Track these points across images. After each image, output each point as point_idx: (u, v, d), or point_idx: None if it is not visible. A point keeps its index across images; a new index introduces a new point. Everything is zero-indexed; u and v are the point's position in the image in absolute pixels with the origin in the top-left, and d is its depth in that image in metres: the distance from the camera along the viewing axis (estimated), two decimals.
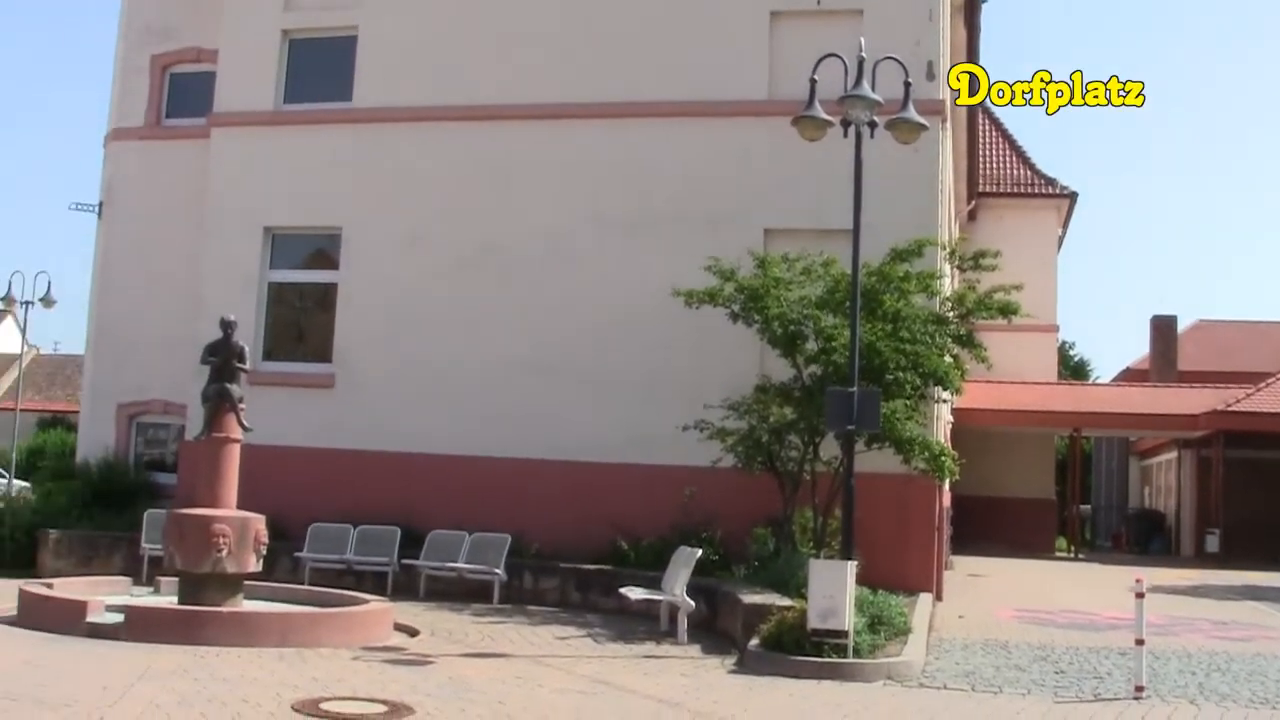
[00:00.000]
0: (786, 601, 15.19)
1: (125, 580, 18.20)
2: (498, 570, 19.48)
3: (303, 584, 19.13)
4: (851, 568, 13.97)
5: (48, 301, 37.12)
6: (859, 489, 14.94)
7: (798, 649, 13.77)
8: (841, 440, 15.87)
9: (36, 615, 14.97)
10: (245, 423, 16.14)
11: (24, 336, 47.45)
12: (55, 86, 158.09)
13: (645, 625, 17.36)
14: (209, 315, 19.87)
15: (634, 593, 16.95)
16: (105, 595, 15.75)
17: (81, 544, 21.39)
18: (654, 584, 17.35)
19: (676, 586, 16.31)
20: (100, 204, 26.66)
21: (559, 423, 21.14)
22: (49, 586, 16.27)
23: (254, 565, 15.69)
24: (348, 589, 18.24)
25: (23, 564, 21.07)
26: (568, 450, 21.01)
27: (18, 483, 36.34)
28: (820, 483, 18.23)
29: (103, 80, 27.33)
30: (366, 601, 16.25)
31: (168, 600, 16.06)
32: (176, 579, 16.05)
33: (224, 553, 15.19)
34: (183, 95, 25.88)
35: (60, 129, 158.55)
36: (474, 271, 21.93)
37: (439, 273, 22.10)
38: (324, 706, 10.59)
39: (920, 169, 20.08)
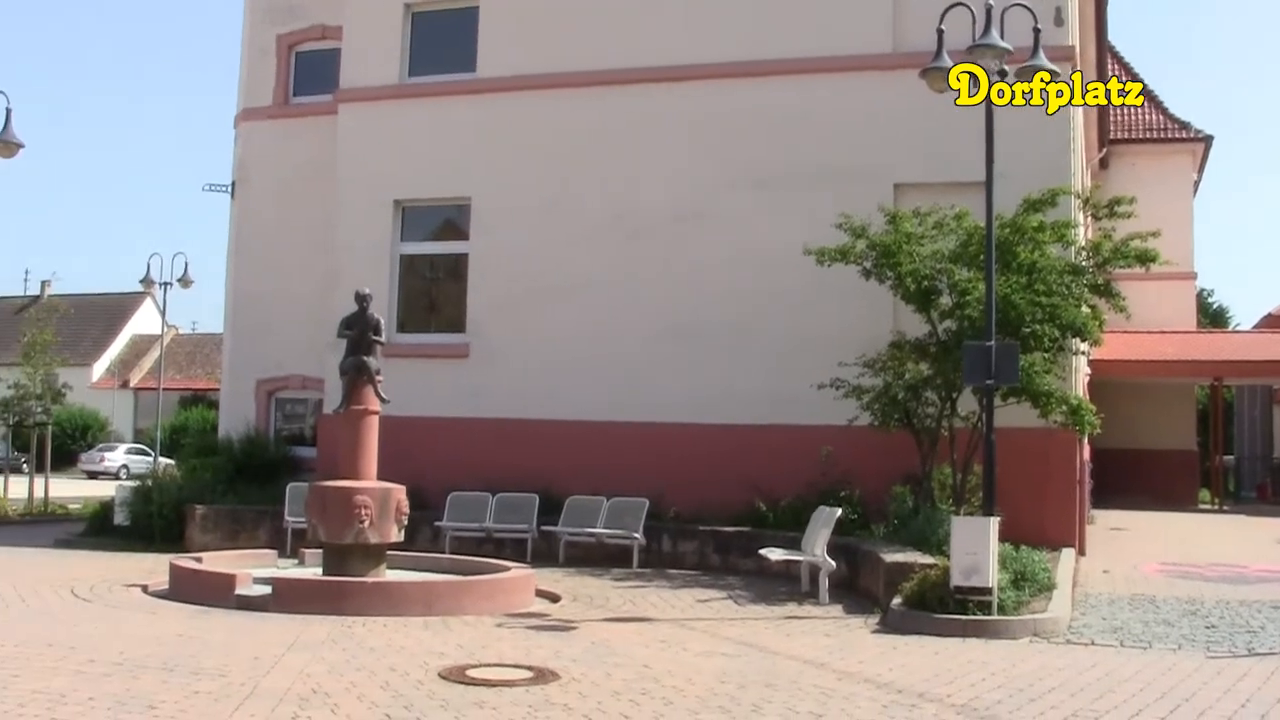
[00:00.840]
0: (928, 559, 15.05)
1: (270, 553, 18.50)
2: (636, 534, 19.53)
3: (443, 553, 19.34)
4: (994, 524, 13.79)
5: (185, 282, 37.83)
6: (997, 444, 14.73)
7: (941, 607, 13.65)
8: (980, 395, 15.68)
9: (188, 589, 15.30)
10: (383, 394, 16.29)
11: (164, 317, 48.44)
12: (187, 69, 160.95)
13: (786, 586, 17.32)
14: (343, 290, 20.09)
15: (774, 554, 16.88)
16: (252, 568, 16.02)
17: (227, 518, 21.80)
18: (793, 545, 17.27)
19: (817, 547, 16.22)
20: (233, 184, 27.12)
21: (694, 385, 21.10)
22: (198, 561, 16.61)
23: (396, 535, 15.87)
24: (487, 556, 18.40)
25: (171, 539, 21.55)
26: (704, 413, 20.97)
27: (163, 460, 37.14)
28: (958, 439, 18.05)
29: (232, 61, 27.77)
30: (508, 569, 16.35)
31: (312, 572, 16.33)
32: (320, 551, 16.30)
33: (366, 524, 15.38)
34: (309, 73, 26.20)
35: (192, 112, 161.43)
36: (605, 237, 21.95)
37: (570, 239, 22.14)
38: (471, 673, 10.66)
39: (1052, 117, 19.69)
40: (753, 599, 16.28)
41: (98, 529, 24.20)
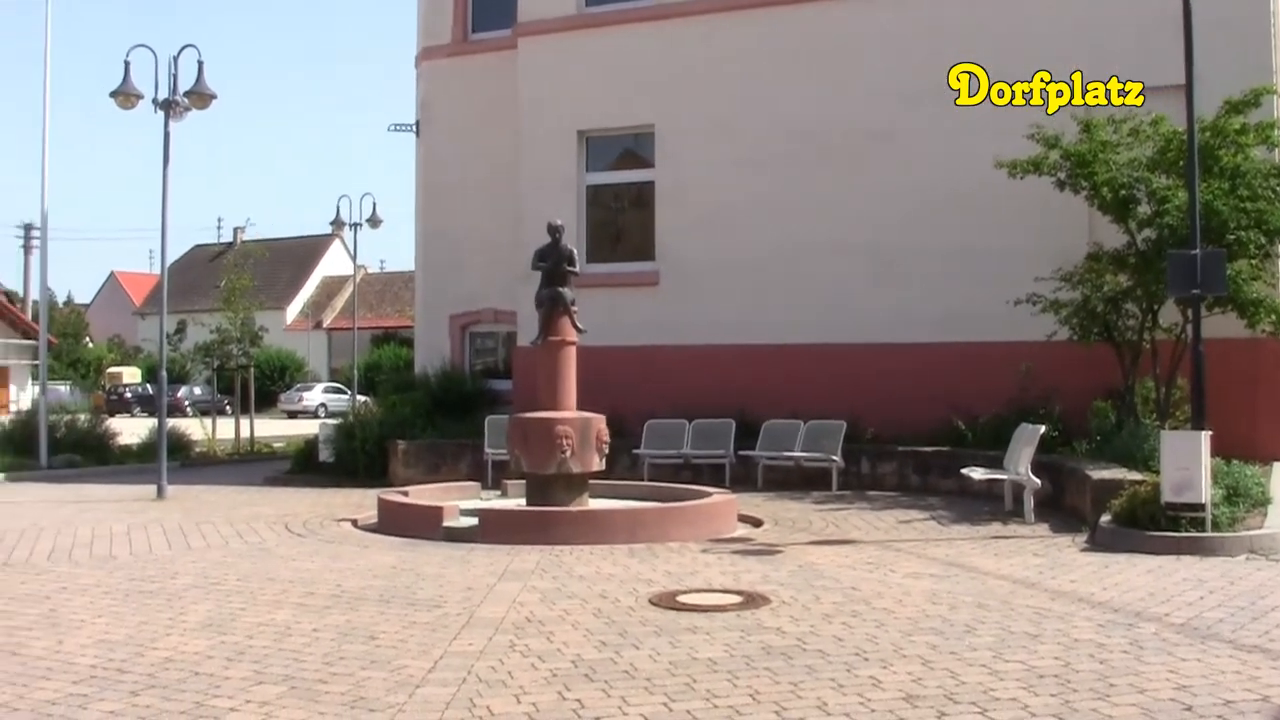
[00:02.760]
0: (1136, 475, 14.75)
1: (473, 485, 18.79)
2: (835, 457, 19.47)
3: (642, 480, 19.49)
4: (1206, 438, 13.44)
5: (374, 222, 38.42)
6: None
7: (1152, 524, 13.38)
8: (1185, 306, 15.26)
9: (396, 522, 15.63)
10: (579, 325, 16.39)
11: (354, 258, 49.26)
12: (369, 11, 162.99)
13: (989, 506, 17.13)
14: (530, 223, 20.26)
15: (976, 473, 16.69)
16: (457, 500, 16.30)
17: (428, 452, 22.21)
18: (994, 463, 17.06)
19: (1020, 465, 16.00)
20: (417, 123, 27.41)
21: (886, 304, 20.89)
22: (405, 494, 16.94)
23: (597, 464, 16.00)
24: (685, 483, 18.47)
25: (374, 474, 22.04)
26: (897, 332, 20.76)
27: (359, 397, 37.94)
28: (1161, 351, 17.62)
29: (411, 1, 28.02)
30: (710, 494, 16.38)
31: (515, 502, 16.56)
32: (523, 482, 16.53)
33: (568, 453, 15.53)
34: (487, 9, 26.32)
35: (376, 53, 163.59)
36: (791, 158, 21.75)
37: (756, 162, 21.98)
38: (681, 599, 10.72)
39: (1251, 12, 19.00)
40: (956, 519, 16.14)
41: (303, 466, 24.86)
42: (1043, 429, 16.36)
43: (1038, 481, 15.88)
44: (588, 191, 23.62)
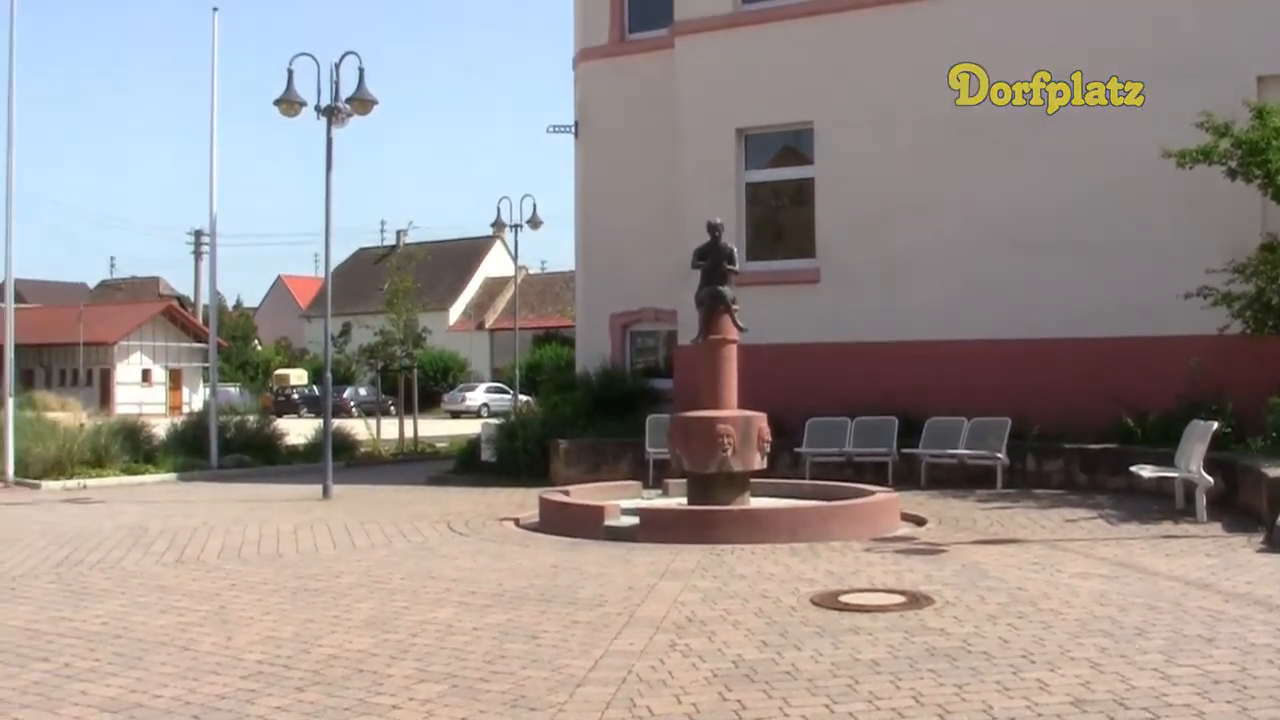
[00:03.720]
0: None
1: (634, 484, 18.81)
2: (999, 454, 19.16)
3: (803, 478, 19.36)
4: None
5: (534, 223, 38.70)
6: None
7: None
8: None
9: (557, 521, 15.69)
10: (740, 323, 16.31)
11: (515, 259, 49.69)
12: (525, 13, 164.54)
13: (1158, 504, 16.71)
14: (690, 222, 20.21)
15: (1145, 470, 16.28)
16: (618, 499, 16.32)
17: (589, 451, 22.30)
18: (1164, 461, 16.63)
19: (1192, 462, 15.56)
20: (575, 124, 27.54)
21: (1050, 298, 20.44)
22: (566, 494, 16.99)
23: (759, 463, 15.89)
24: (847, 481, 18.29)
25: (536, 473, 22.18)
26: (1062, 326, 20.32)
27: (521, 397, 38.27)
28: None
29: (567, 2, 28.16)
30: (872, 492, 16.19)
31: (676, 502, 16.54)
32: (683, 481, 16.50)
33: (729, 452, 15.46)
34: (644, 9, 26.35)
35: (534, 54, 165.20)
36: (951, 151, 21.40)
37: (916, 156, 21.68)
38: (843, 599, 10.60)
39: None
40: (1124, 518, 15.76)
41: (465, 465, 25.15)
42: (1215, 425, 15.90)
43: (1210, 479, 15.41)
44: (747, 189, 23.51)
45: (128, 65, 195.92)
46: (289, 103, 21.20)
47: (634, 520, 14.87)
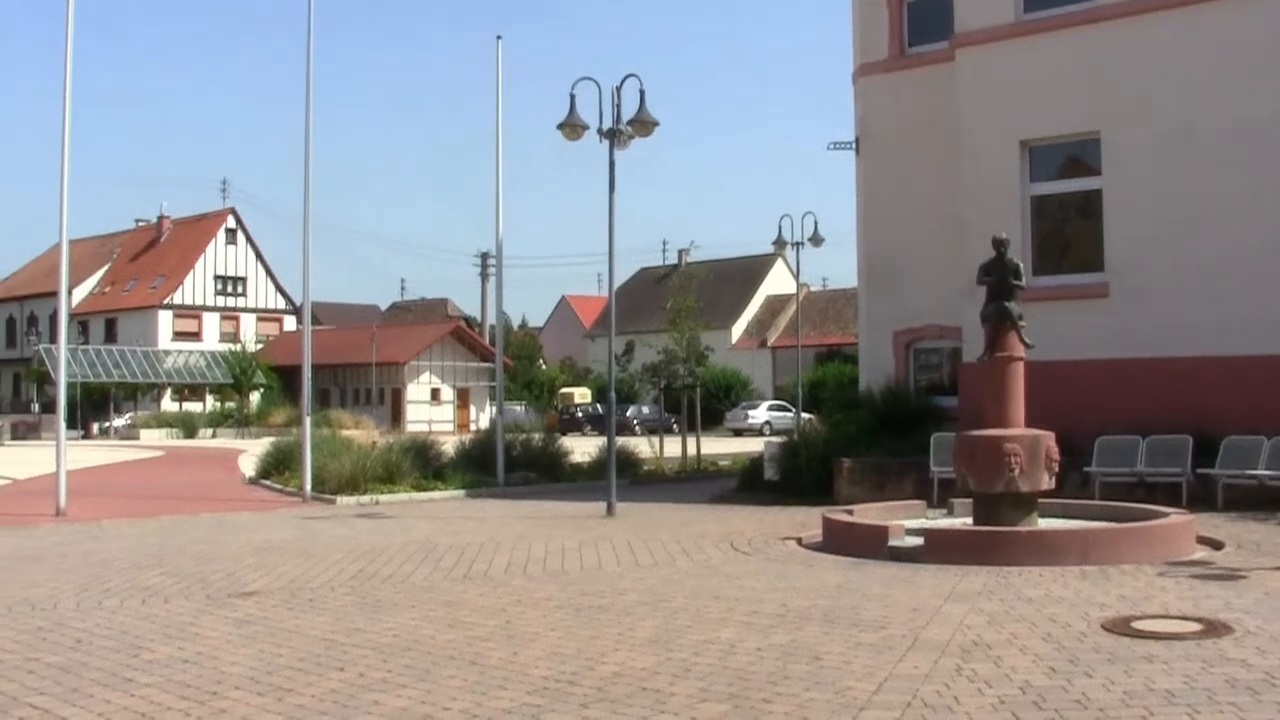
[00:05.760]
0: None
1: (918, 504, 18.54)
2: None
3: (1092, 499, 18.80)
4: None
5: (816, 240, 38.64)
6: None
7: None
8: None
9: (840, 541, 15.57)
10: (1027, 340, 15.96)
11: (797, 277, 49.66)
12: (803, 29, 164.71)
13: None
14: (974, 237, 19.88)
15: None
16: (902, 519, 16.11)
17: (873, 470, 22.07)
18: None
19: None
20: (856, 140, 27.36)
21: None
22: (849, 513, 16.85)
23: (1047, 483, 15.50)
24: (1138, 502, 17.66)
25: (819, 492, 22.05)
26: None
27: (804, 415, 38.17)
28: None
29: (844, 17, 28.01)
30: (1166, 514, 15.62)
31: (962, 522, 16.26)
32: (969, 500, 16.20)
33: (1016, 472, 15.12)
34: (923, 22, 26.06)
35: (812, 71, 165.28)
36: (1247, 159, 20.48)
37: (1210, 165, 20.79)
38: (1135, 625, 10.24)
39: None
40: None
41: (748, 484, 25.19)
42: None
43: None
44: (1032, 202, 22.97)
45: (416, 94, 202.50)
46: (572, 126, 21.58)
47: (918, 541, 14.66)
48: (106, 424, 75.87)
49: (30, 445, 60.24)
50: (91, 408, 76.67)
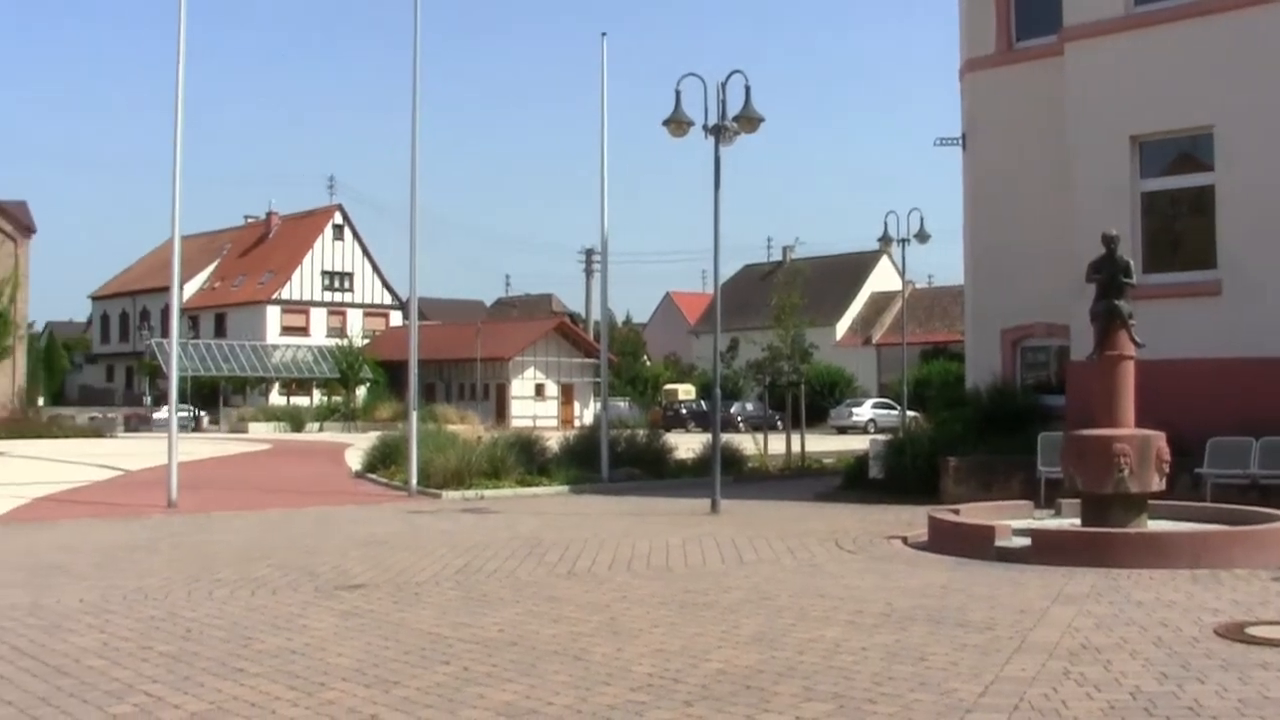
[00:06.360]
0: None
1: (1025, 504, 18.35)
2: None
3: (1204, 501, 18.49)
4: None
5: (922, 237, 38.40)
6: None
7: None
8: None
9: (946, 540, 15.45)
10: (1137, 339, 15.73)
11: (902, 274, 49.33)
12: (908, 24, 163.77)
13: None
14: (1083, 234, 19.60)
15: None
16: (1009, 519, 15.95)
17: (979, 469, 21.86)
18: None
19: None
20: (963, 136, 27.12)
21: None
22: (956, 512, 16.70)
23: (1157, 484, 15.28)
24: (1252, 505, 17.34)
25: (924, 491, 21.88)
26: None
27: (909, 413, 37.92)
28: None
29: (951, 13, 27.78)
30: (1279, 518, 15.35)
31: (1070, 523, 16.05)
32: (1077, 501, 16.01)
33: (1125, 472, 14.91)
34: (1031, 16, 25.70)
35: (918, 66, 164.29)
36: None
37: None
38: (1250, 631, 10.06)
39: None
40: None
41: (852, 482, 25.08)
42: None
43: None
44: (1142, 198, 22.61)
45: (521, 90, 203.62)
46: (677, 123, 21.58)
47: (1025, 541, 14.53)
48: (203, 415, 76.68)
49: (142, 437, 61.27)
50: (202, 401, 77.91)
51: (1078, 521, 15.75)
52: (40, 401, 75.42)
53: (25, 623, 10.88)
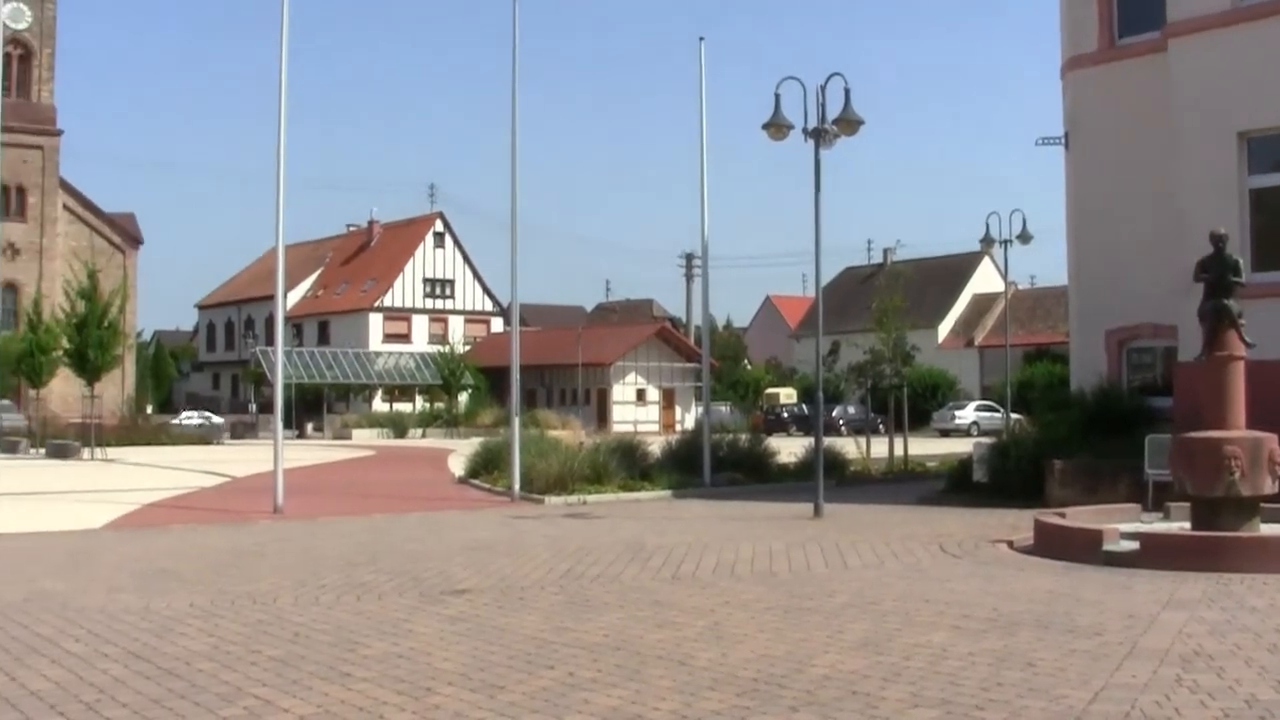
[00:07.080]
0: None
1: (1132, 507, 18.11)
2: None
3: None
4: None
5: (1024, 238, 38.06)
6: None
7: None
8: None
9: (1053, 544, 15.30)
10: (1247, 339, 15.47)
11: (1005, 275, 48.89)
12: (1010, 23, 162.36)
13: None
14: (1190, 232, 19.33)
15: None
16: (1117, 523, 15.75)
17: (1084, 472, 21.57)
18: None
19: None
20: (1065, 135, 26.82)
21: None
22: (1062, 516, 16.54)
23: (1269, 487, 15.00)
24: None
25: (1029, 494, 21.64)
26: None
27: (1013, 416, 37.56)
28: None
29: (1052, 11, 27.48)
30: None
31: (1179, 526, 15.83)
32: (1186, 504, 15.77)
33: (1237, 475, 14.66)
34: (1133, 12, 25.37)
35: (1019, 65, 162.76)
36: None
37: None
38: None
39: None
40: None
41: (956, 485, 24.87)
42: None
43: None
44: (1251, 196, 22.23)
45: (621, 95, 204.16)
46: (777, 126, 21.53)
47: (1134, 545, 14.36)
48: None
49: (248, 444, 62.12)
50: (306, 408, 78.84)
51: (1187, 525, 15.53)
52: (149, 409, 76.73)
53: (138, 626, 11.07)
